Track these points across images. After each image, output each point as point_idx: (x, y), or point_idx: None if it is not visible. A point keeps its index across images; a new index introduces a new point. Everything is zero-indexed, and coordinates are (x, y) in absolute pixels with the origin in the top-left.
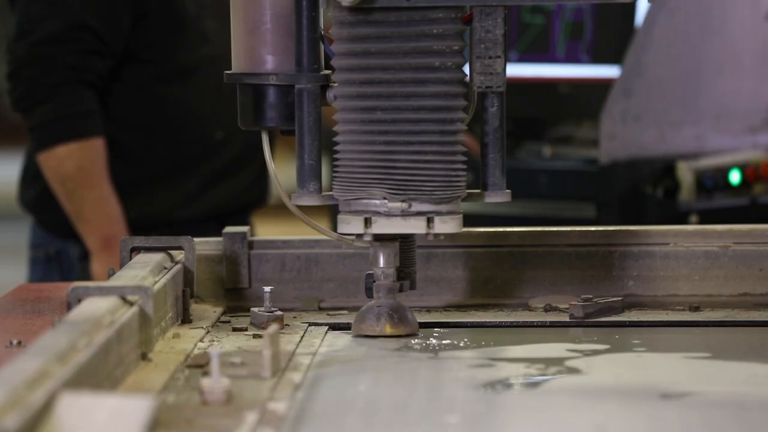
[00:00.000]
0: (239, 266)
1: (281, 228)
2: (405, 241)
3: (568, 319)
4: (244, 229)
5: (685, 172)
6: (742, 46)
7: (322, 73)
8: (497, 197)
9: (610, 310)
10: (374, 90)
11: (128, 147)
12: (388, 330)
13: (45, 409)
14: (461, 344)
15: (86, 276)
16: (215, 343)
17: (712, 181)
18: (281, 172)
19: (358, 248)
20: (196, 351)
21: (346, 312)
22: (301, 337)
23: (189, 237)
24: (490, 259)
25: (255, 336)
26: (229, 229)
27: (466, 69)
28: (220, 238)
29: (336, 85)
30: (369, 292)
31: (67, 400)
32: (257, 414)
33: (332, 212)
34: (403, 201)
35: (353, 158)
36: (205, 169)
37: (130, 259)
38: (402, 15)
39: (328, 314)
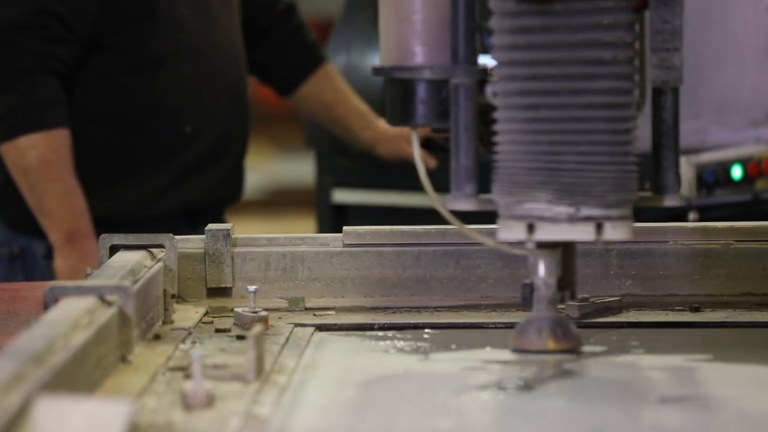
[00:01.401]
0: (222, 265)
1: (256, 226)
2: (565, 247)
3: None
4: (227, 226)
5: (685, 167)
6: (743, 37)
7: (479, 66)
8: (672, 200)
9: (608, 311)
10: (539, 86)
11: (94, 139)
12: (551, 345)
13: (20, 414)
14: (453, 346)
15: (51, 274)
16: (197, 344)
17: (713, 177)
18: (259, 168)
19: (336, 248)
20: (177, 353)
21: (333, 312)
22: (287, 339)
23: (170, 235)
24: (482, 257)
25: (239, 337)
26: (211, 226)
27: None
28: (202, 236)
29: (496, 80)
30: (527, 303)
31: (43, 405)
32: (241, 419)
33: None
34: (570, 205)
35: (515, 159)
36: (175, 164)
37: (109, 257)
38: (570, 4)
39: (314, 315)
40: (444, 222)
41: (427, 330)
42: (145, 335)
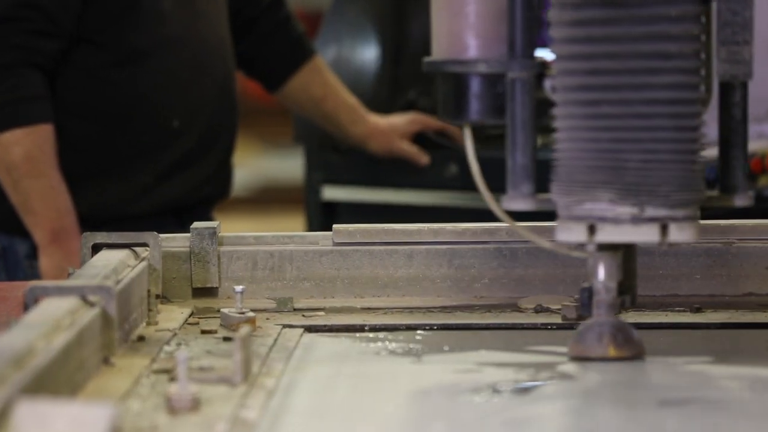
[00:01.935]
0: (208, 264)
1: (243, 224)
2: (626, 250)
3: (560, 321)
4: (213, 224)
5: None
6: None
7: (537, 60)
8: (741, 200)
9: None
10: (600, 81)
11: (78, 135)
12: (612, 352)
13: (0, 418)
14: (446, 348)
15: (34, 274)
16: (183, 346)
17: (714, 173)
18: (247, 165)
19: (325, 246)
20: (162, 355)
21: (322, 313)
22: (275, 340)
23: (154, 233)
24: (476, 256)
25: (225, 339)
26: (197, 224)
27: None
28: (187, 234)
29: (555, 75)
30: (585, 309)
31: (23, 408)
32: (227, 423)
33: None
34: (633, 205)
35: (575, 157)
36: (161, 159)
37: (92, 256)
38: None
39: (303, 315)
40: (436, 220)
41: (419, 331)
42: (129, 337)
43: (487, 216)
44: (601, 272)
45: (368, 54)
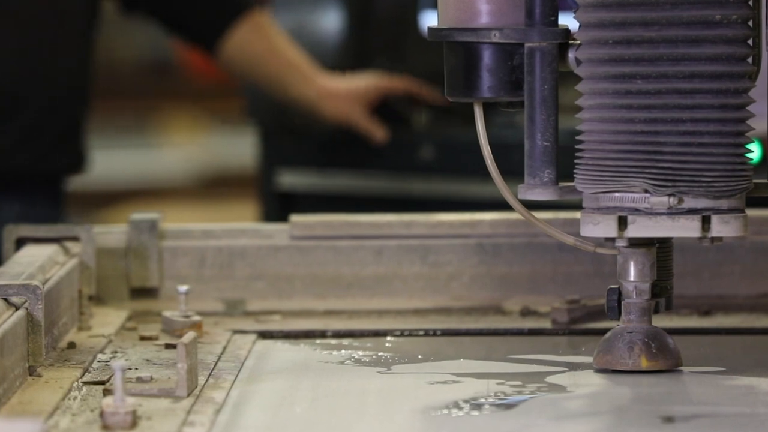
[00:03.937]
0: (148, 261)
1: (189, 214)
2: (661, 246)
3: (549, 326)
4: (154, 215)
5: None
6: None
7: (560, 27)
8: None
9: (602, 315)
10: (633, 52)
11: None
12: (644, 363)
13: None
14: (419, 356)
15: None
16: (119, 354)
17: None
18: (191, 146)
19: (281, 241)
20: (95, 364)
21: (278, 317)
22: (224, 348)
23: (87, 225)
24: (454, 252)
25: (167, 346)
26: (135, 215)
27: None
28: (124, 227)
29: (580, 44)
30: (614, 313)
31: None
32: None
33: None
34: (671, 195)
35: (604, 141)
36: None
37: (15, 251)
38: None
39: (256, 320)
40: (408, 210)
41: (389, 338)
42: (58, 344)
43: (467, 206)
44: (633, 272)
45: (331, 19)
